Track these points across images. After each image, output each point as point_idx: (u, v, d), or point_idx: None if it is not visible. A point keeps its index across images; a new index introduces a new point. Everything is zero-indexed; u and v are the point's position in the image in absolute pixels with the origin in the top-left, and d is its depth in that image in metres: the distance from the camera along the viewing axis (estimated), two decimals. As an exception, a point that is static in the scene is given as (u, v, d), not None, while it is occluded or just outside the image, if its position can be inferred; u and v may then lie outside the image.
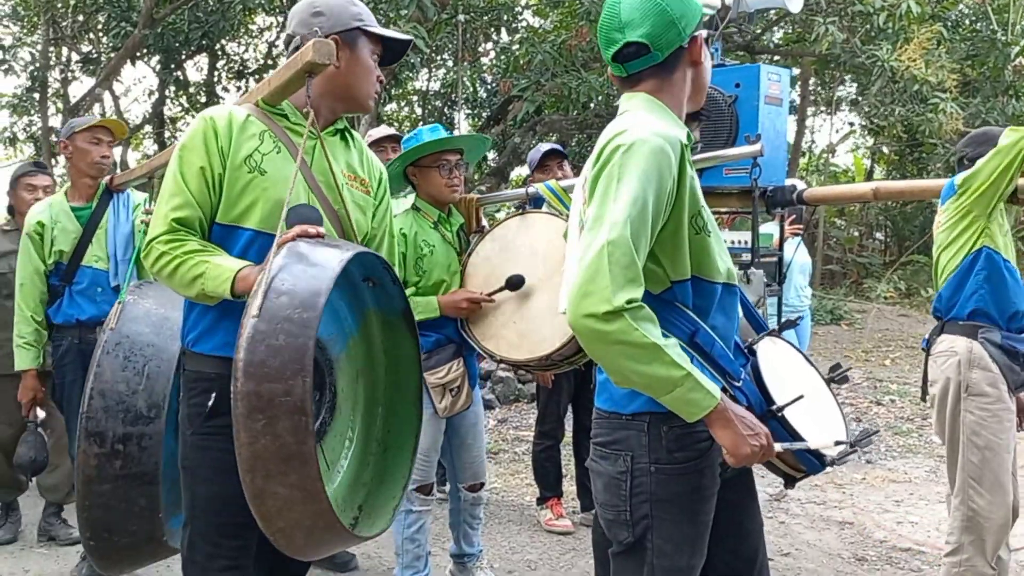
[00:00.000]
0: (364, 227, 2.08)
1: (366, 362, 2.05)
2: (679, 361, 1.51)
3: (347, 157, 2.09)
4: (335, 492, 1.93)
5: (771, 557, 4.02)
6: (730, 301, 1.75)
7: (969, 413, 2.99)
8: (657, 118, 1.69)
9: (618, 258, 1.48)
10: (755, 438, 1.57)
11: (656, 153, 1.57)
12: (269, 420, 1.58)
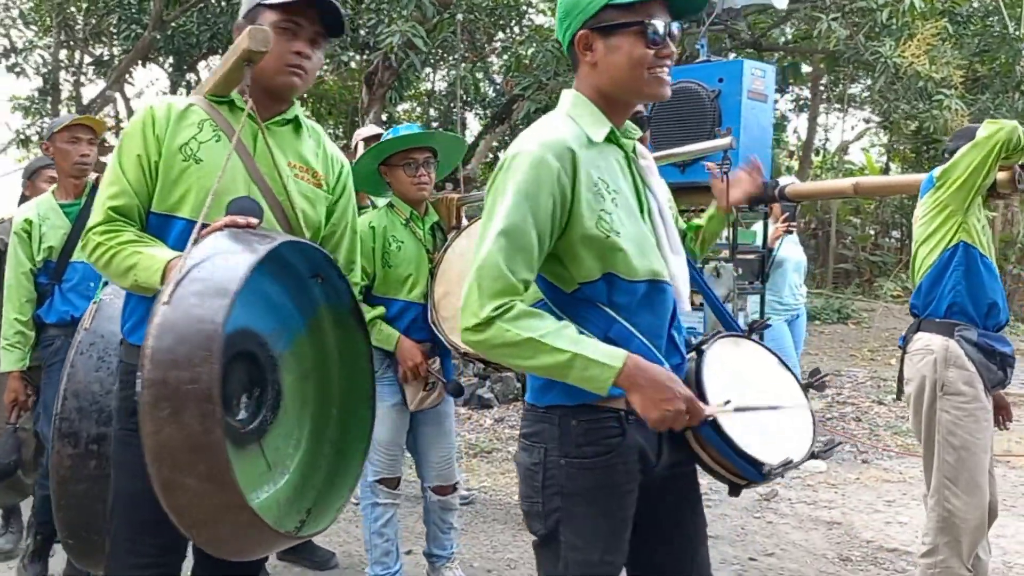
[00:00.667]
0: (314, 220, 2.04)
1: (317, 360, 2.01)
2: (561, 345, 1.54)
3: (297, 148, 2.05)
4: (277, 494, 1.90)
5: (755, 557, 3.99)
6: (659, 299, 1.72)
7: (945, 412, 2.94)
8: (563, 120, 1.69)
9: (486, 280, 1.57)
10: (668, 403, 1.54)
11: (535, 166, 1.59)
12: (175, 409, 1.54)
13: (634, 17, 1.64)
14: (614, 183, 1.69)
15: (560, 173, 1.59)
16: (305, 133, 2.09)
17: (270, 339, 1.90)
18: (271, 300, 1.91)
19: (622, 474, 1.69)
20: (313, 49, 1.98)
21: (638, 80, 1.68)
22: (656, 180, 1.83)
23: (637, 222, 1.71)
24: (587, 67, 1.70)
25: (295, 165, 2.03)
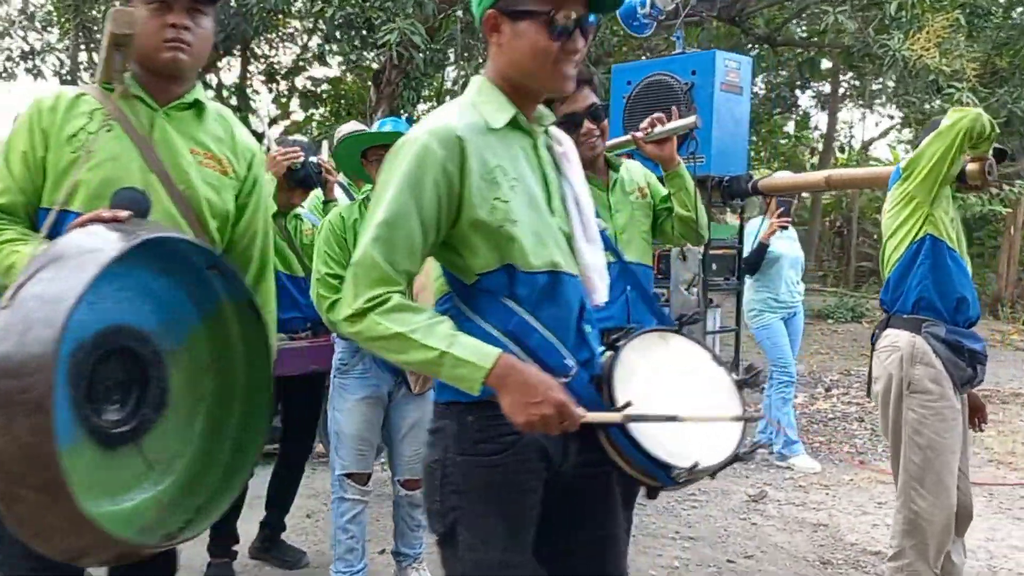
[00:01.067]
0: (220, 208, 1.96)
1: (218, 355, 1.92)
2: (430, 343, 1.49)
3: (199, 133, 1.96)
4: (159, 495, 1.81)
5: (733, 560, 3.91)
6: (562, 291, 1.65)
7: (911, 411, 2.85)
8: (461, 107, 1.64)
9: (363, 270, 1.55)
10: (535, 407, 1.48)
11: (419, 154, 1.54)
12: (7, 419, 1.48)
13: (542, 6, 1.57)
14: (514, 170, 1.62)
15: (445, 161, 1.54)
16: (210, 118, 1.99)
17: (154, 335, 1.81)
18: (156, 295, 1.82)
19: (520, 472, 1.63)
20: (194, 19, 1.86)
21: (540, 71, 1.62)
22: (573, 168, 1.77)
23: (539, 211, 1.65)
24: (494, 48, 1.64)
25: (198, 151, 1.94)
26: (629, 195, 2.87)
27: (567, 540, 1.77)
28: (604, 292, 1.73)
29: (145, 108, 1.91)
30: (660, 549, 4.03)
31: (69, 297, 1.51)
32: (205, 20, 1.90)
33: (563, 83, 1.65)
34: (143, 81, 1.90)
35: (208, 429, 1.92)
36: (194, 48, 1.88)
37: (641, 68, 3.91)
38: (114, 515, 1.74)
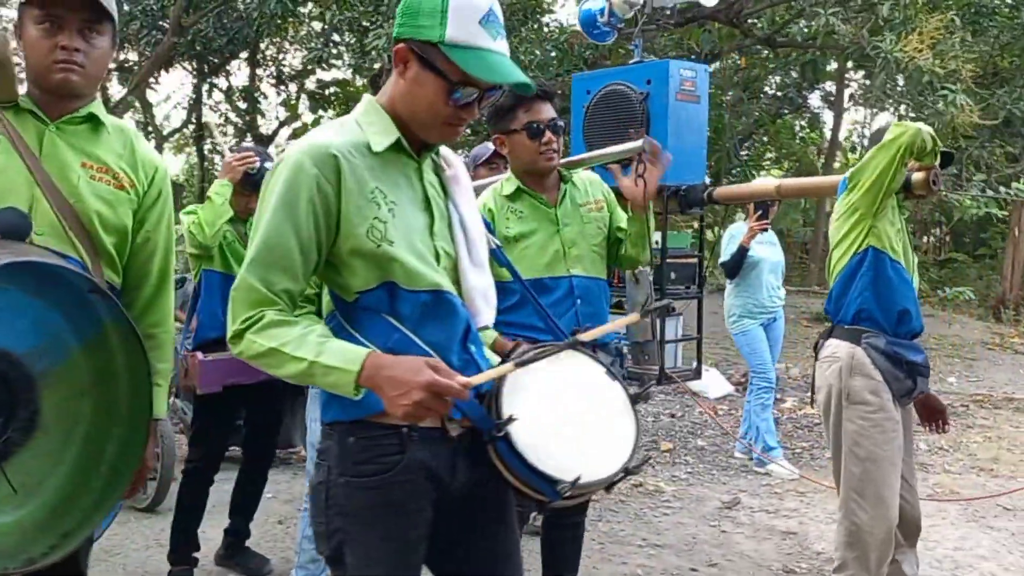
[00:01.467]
0: (114, 223, 1.97)
1: (97, 380, 1.90)
2: (300, 354, 1.51)
3: (93, 147, 1.97)
4: (23, 518, 1.81)
5: (696, 568, 3.92)
6: (445, 311, 1.67)
7: (850, 422, 2.85)
8: (343, 126, 1.65)
9: (240, 292, 1.58)
10: (407, 396, 1.46)
11: (294, 173, 1.55)
12: None
13: (451, 74, 1.58)
14: (393, 194, 1.63)
15: (320, 179, 1.55)
16: (107, 132, 2.01)
17: (27, 357, 1.79)
18: (29, 316, 1.80)
19: (405, 494, 1.63)
20: (87, 39, 1.88)
21: (428, 122, 1.65)
22: (462, 191, 1.78)
23: (416, 234, 1.66)
24: (397, 77, 1.65)
25: (91, 165, 1.96)
26: (581, 207, 2.90)
27: (463, 556, 1.79)
28: (488, 315, 1.74)
29: (35, 123, 1.92)
30: (625, 556, 4.03)
31: None
32: (100, 39, 1.91)
33: (448, 138, 1.69)
34: (36, 97, 1.92)
35: (84, 453, 1.90)
36: (87, 69, 1.90)
37: (600, 77, 3.90)
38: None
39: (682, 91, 3.65)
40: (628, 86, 3.70)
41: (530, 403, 1.69)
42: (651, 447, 6.13)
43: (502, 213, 2.78)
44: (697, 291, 3.90)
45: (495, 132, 2.82)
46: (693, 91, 3.69)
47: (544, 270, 2.77)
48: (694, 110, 3.71)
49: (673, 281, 3.80)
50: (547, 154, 2.76)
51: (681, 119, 3.66)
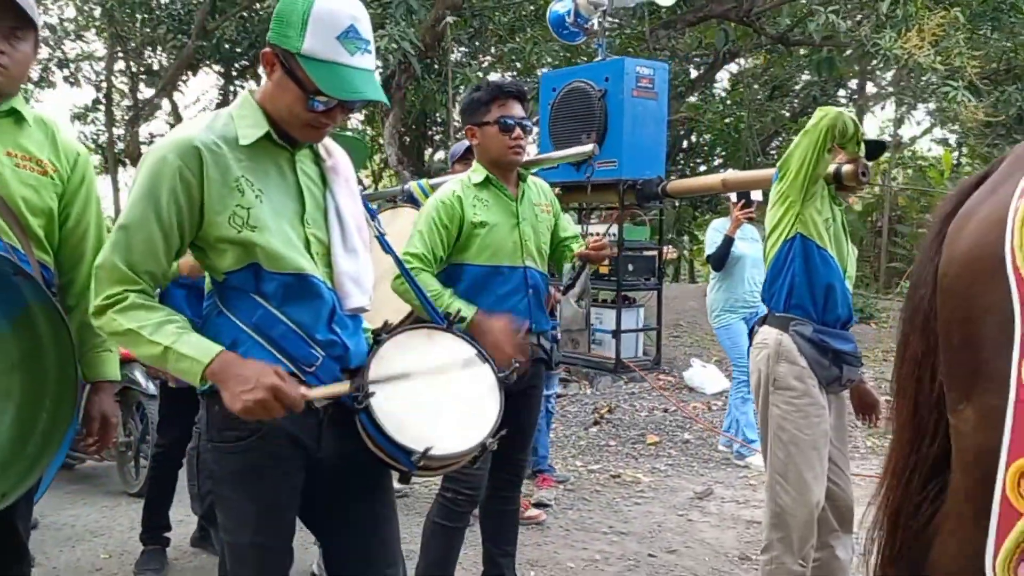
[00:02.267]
0: (39, 206, 2.11)
1: (26, 356, 2.05)
2: (156, 339, 1.64)
3: (17, 138, 2.12)
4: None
5: (655, 554, 3.99)
6: (310, 292, 1.78)
7: (775, 407, 2.92)
8: (214, 118, 1.77)
9: (103, 271, 1.70)
10: (250, 393, 1.59)
11: (157, 163, 1.68)
12: None
13: (307, 83, 1.68)
14: (261, 182, 1.75)
15: (182, 169, 1.67)
16: (30, 124, 2.15)
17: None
18: None
19: (267, 459, 1.75)
20: (11, 43, 2.02)
21: (293, 123, 1.77)
22: (340, 181, 1.89)
23: (284, 221, 1.77)
24: (266, 78, 1.77)
25: (15, 154, 2.10)
26: (535, 206, 3.04)
27: (341, 521, 1.91)
28: (358, 298, 1.84)
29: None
30: (587, 543, 4.13)
31: None
32: (23, 44, 2.06)
33: (313, 136, 1.81)
34: None
35: (17, 423, 2.05)
36: (10, 70, 2.05)
37: (564, 75, 4.02)
38: None
39: (638, 88, 3.75)
40: (588, 84, 3.81)
41: (396, 377, 1.81)
42: (637, 440, 6.21)
43: (469, 201, 2.88)
44: (656, 283, 3.99)
45: (468, 123, 2.95)
46: (650, 88, 3.78)
47: (504, 259, 2.90)
48: (651, 106, 3.81)
49: (631, 273, 3.90)
50: (515, 149, 2.90)
51: (637, 115, 3.77)
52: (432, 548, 2.99)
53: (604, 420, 6.74)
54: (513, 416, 2.97)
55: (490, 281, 2.88)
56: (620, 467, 5.52)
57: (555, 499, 4.72)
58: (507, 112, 2.87)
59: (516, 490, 3.19)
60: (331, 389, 1.74)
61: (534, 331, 2.97)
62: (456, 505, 2.92)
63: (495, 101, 2.87)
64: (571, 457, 5.79)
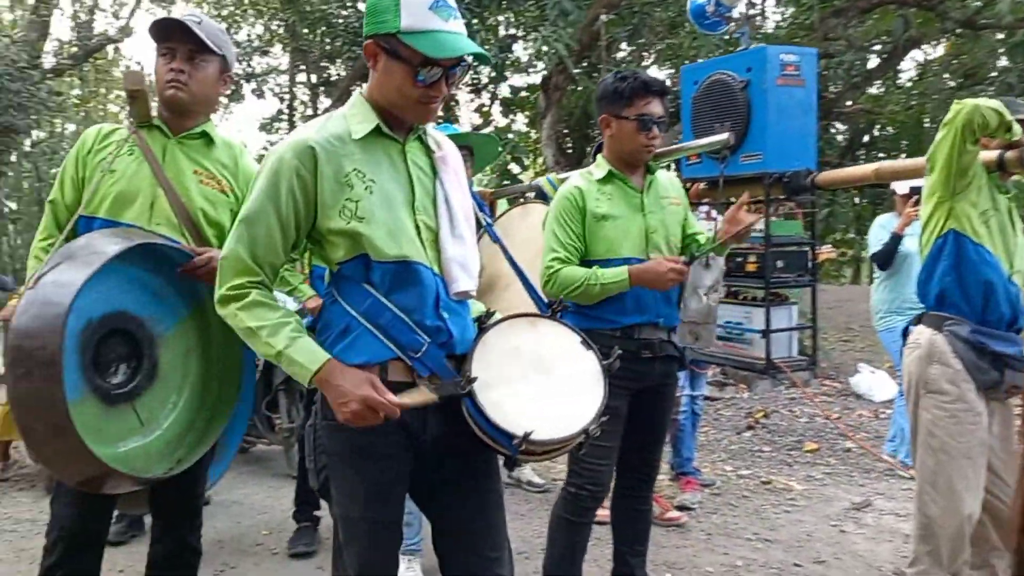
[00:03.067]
0: (215, 218, 2.38)
1: (200, 342, 2.35)
2: (271, 341, 1.76)
3: (204, 158, 2.41)
4: (147, 446, 2.24)
5: (800, 564, 3.82)
6: (414, 279, 1.83)
7: (926, 412, 2.73)
8: (329, 119, 1.87)
9: (227, 262, 1.82)
10: (346, 405, 1.71)
11: (276, 162, 1.80)
12: (27, 369, 1.94)
13: (411, 56, 1.77)
14: (373, 173, 1.83)
15: (298, 168, 1.78)
16: (218, 147, 2.46)
17: (149, 321, 2.25)
18: (152, 289, 2.27)
19: (373, 440, 1.82)
20: (193, 63, 2.33)
21: (404, 105, 1.84)
22: (449, 171, 1.94)
23: (395, 210, 1.84)
24: (372, 71, 1.87)
25: (200, 172, 2.40)
26: (662, 199, 2.98)
27: (448, 503, 1.96)
28: (465, 282, 1.88)
29: (161, 137, 2.40)
30: (729, 548, 4.00)
31: (76, 283, 1.98)
32: (206, 66, 2.35)
33: (424, 117, 1.88)
34: (163, 117, 2.40)
35: (190, 400, 2.35)
36: (190, 87, 2.33)
37: (705, 68, 3.89)
38: (111, 456, 2.16)
39: (783, 76, 3.59)
40: (729, 75, 3.69)
41: (500, 365, 1.86)
42: (793, 446, 5.95)
43: (592, 194, 2.88)
44: (810, 279, 3.80)
45: (605, 112, 2.91)
46: (796, 75, 3.61)
47: (630, 250, 2.85)
48: (798, 94, 3.64)
49: (781, 269, 3.73)
50: (649, 148, 2.87)
51: (783, 104, 3.60)
52: (557, 542, 2.99)
53: (759, 425, 6.50)
54: (645, 413, 2.99)
55: None
56: (772, 473, 5.30)
57: (699, 503, 4.60)
58: (648, 111, 2.83)
59: (648, 489, 3.13)
60: (422, 397, 1.80)
61: (662, 326, 2.92)
62: (580, 500, 2.91)
63: (638, 97, 2.82)
64: (720, 461, 5.62)
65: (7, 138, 7.71)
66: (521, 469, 5.13)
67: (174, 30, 2.30)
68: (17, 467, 5.59)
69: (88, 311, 2.12)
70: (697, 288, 2.98)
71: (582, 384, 1.90)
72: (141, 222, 2.32)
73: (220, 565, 3.79)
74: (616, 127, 2.88)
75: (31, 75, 7.10)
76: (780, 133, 3.60)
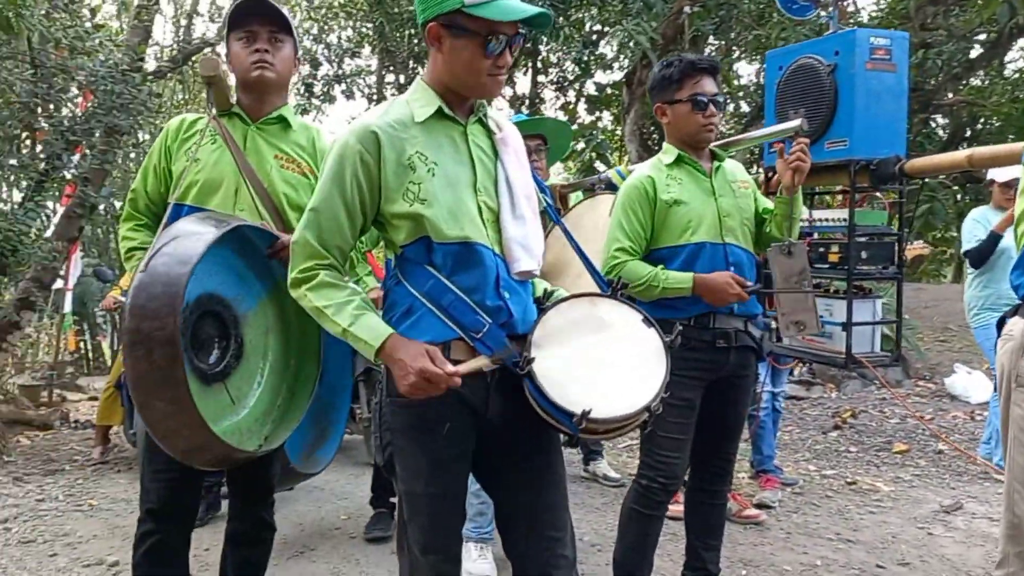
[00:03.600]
0: (296, 201, 2.43)
1: (277, 321, 2.41)
2: (338, 319, 1.82)
3: (284, 142, 2.47)
4: (239, 423, 2.31)
5: (884, 565, 3.70)
6: (475, 260, 1.86)
7: (1017, 407, 2.59)
8: (391, 104, 1.91)
9: (298, 247, 1.89)
10: (406, 378, 1.74)
11: (341, 148, 1.85)
12: (147, 350, 1.99)
13: (479, 27, 1.81)
14: (435, 156, 1.86)
15: (362, 153, 1.83)
16: (295, 131, 2.50)
17: (234, 302, 2.32)
18: (236, 270, 2.33)
19: (437, 416, 1.85)
20: (274, 45, 2.39)
21: (474, 81, 1.87)
22: (510, 152, 1.96)
23: (457, 191, 1.87)
24: (434, 54, 1.90)
25: (280, 156, 2.45)
26: (732, 183, 2.94)
27: (510, 481, 1.97)
28: (526, 262, 1.90)
29: (241, 124, 2.46)
30: (809, 548, 3.90)
31: (189, 263, 2.04)
32: (284, 47, 2.41)
33: (494, 90, 1.90)
34: (242, 104, 2.47)
35: (271, 378, 2.42)
36: (276, 66, 2.40)
37: (790, 52, 3.78)
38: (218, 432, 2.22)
39: (873, 60, 3.45)
40: (816, 59, 3.57)
41: (560, 343, 1.86)
42: (882, 447, 5.76)
43: (662, 180, 2.85)
44: (896, 271, 3.66)
45: (658, 102, 2.89)
46: (887, 59, 3.47)
47: (702, 235, 2.82)
48: (888, 79, 3.49)
49: (865, 261, 3.60)
50: (708, 127, 2.82)
51: (872, 89, 3.47)
52: (628, 534, 2.96)
53: (846, 425, 6.30)
54: (719, 405, 2.94)
55: (690, 260, 2.80)
56: (858, 474, 5.14)
57: (779, 501, 4.50)
58: (700, 89, 2.79)
59: (723, 484, 3.06)
60: (474, 364, 1.82)
61: (738, 314, 2.86)
62: (651, 493, 2.87)
63: (688, 78, 2.79)
64: (804, 461, 5.48)
65: (111, 138, 8.08)
66: (597, 463, 5.12)
67: (254, 14, 2.36)
68: (116, 451, 5.87)
69: (187, 294, 2.16)
70: (788, 279, 2.89)
71: (643, 362, 1.88)
72: (225, 208, 2.39)
73: (300, 547, 3.90)
74: (671, 113, 2.86)
75: (133, 77, 7.42)
76: (868, 119, 3.47)
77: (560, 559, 1.91)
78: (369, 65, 14.74)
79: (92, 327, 13.21)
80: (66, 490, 4.89)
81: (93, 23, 8.93)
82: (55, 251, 8.31)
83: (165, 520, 2.39)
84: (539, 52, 15.55)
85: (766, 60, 3.97)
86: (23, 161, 8.82)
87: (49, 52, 8.00)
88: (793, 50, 3.83)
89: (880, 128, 3.51)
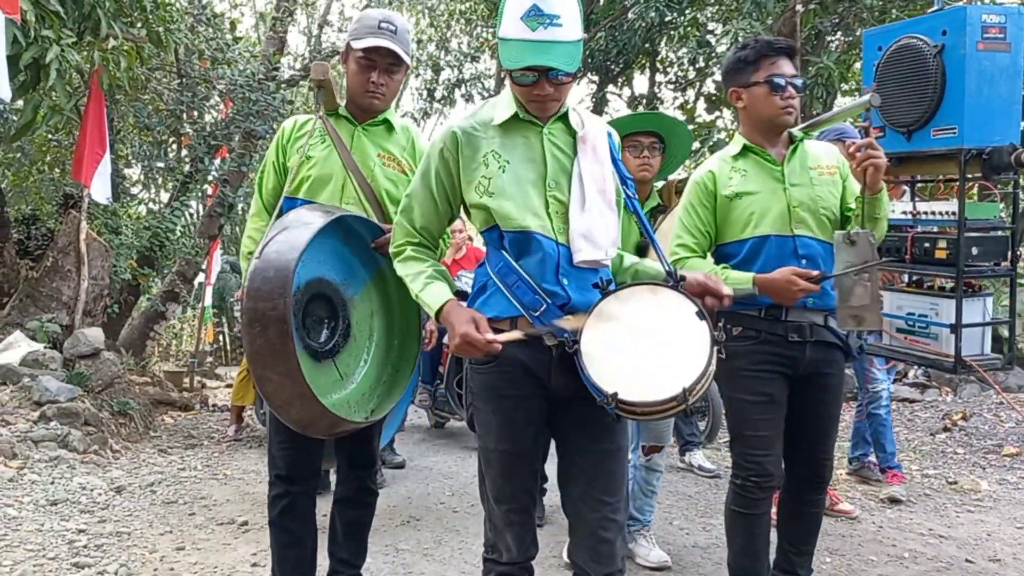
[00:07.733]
0: (396, 196, 2.66)
1: (382, 304, 2.68)
2: (412, 286, 2.15)
3: (386, 142, 2.72)
4: (347, 396, 2.58)
5: (973, 560, 3.71)
6: (535, 248, 2.07)
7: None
8: (481, 107, 2.17)
9: (397, 228, 2.23)
10: (452, 339, 1.99)
11: (431, 147, 2.16)
12: (263, 327, 2.25)
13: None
14: (508, 154, 2.10)
15: (444, 150, 2.12)
16: (397, 132, 2.75)
17: (342, 286, 2.60)
18: (343, 257, 2.61)
19: (505, 381, 2.10)
20: (389, 76, 2.61)
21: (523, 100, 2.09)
22: (587, 149, 2.14)
23: (523, 186, 2.09)
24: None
25: (383, 155, 2.70)
26: (811, 169, 2.82)
27: (567, 448, 2.18)
28: (589, 251, 2.08)
29: (348, 125, 2.72)
30: (898, 541, 3.94)
31: (297, 248, 2.30)
32: (398, 75, 2.66)
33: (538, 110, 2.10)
34: (350, 108, 2.72)
35: (377, 356, 2.69)
36: (387, 97, 2.66)
37: (892, 31, 3.38)
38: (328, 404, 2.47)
39: (985, 39, 3.16)
40: (921, 39, 3.32)
41: (612, 327, 2.01)
42: (992, 450, 5.63)
43: (725, 174, 2.82)
44: (1009, 269, 3.48)
45: (732, 86, 2.83)
46: (1000, 38, 3.17)
47: (768, 227, 2.75)
48: (1002, 60, 3.15)
49: (976, 257, 3.41)
50: (787, 109, 2.73)
51: (984, 71, 3.21)
52: (735, 537, 2.91)
53: (956, 427, 6.18)
54: (804, 403, 2.83)
55: (752, 255, 2.77)
56: (961, 474, 5.08)
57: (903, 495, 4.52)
58: (777, 71, 2.70)
59: (819, 492, 2.92)
60: (511, 335, 2.02)
61: (812, 308, 2.77)
62: (746, 492, 2.80)
63: (763, 59, 2.72)
64: (907, 461, 5.43)
65: (248, 142, 8.75)
66: (692, 454, 5.24)
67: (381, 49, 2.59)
68: (248, 430, 6.41)
69: (297, 278, 2.41)
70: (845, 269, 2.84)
71: (686, 353, 1.96)
72: (333, 202, 2.65)
73: (408, 516, 4.23)
74: (747, 97, 2.77)
75: (268, 85, 8.02)
76: (980, 104, 3.21)
77: (611, 522, 2.09)
78: (488, 69, 15.15)
79: (230, 320, 14.15)
80: (204, 461, 5.43)
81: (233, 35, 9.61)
82: (197, 247, 9.06)
83: (291, 483, 2.69)
84: (658, 52, 15.60)
85: (863, 40, 3.75)
86: (170, 164, 9.64)
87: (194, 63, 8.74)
88: (894, 29, 3.46)
89: (993, 114, 3.19)
